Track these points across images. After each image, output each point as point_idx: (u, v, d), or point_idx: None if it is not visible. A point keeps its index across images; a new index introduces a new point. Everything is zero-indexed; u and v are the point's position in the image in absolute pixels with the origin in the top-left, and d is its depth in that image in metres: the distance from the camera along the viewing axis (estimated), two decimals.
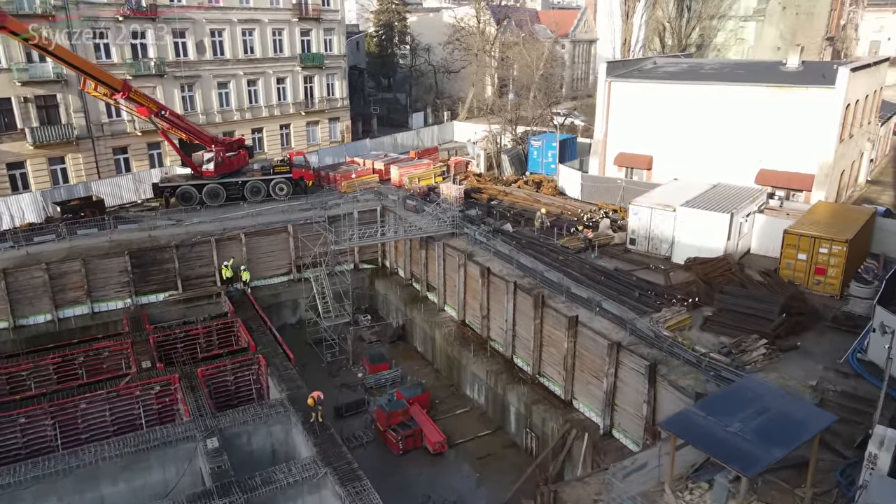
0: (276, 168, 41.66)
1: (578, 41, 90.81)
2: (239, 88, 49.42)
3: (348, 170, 45.75)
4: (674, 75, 39.26)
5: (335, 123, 57.85)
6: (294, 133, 54.43)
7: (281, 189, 41.86)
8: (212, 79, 47.56)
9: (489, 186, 41.64)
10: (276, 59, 51.46)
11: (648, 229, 30.60)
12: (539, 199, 38.63)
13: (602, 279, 28.14)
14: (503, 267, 30.28)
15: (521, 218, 36.32)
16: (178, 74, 45.39)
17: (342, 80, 57.26)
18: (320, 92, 55.35)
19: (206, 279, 36.00)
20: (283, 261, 38.13)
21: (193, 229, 36.22)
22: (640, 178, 38.86)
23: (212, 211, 39.04)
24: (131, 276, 33.81)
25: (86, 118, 41.36)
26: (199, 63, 46.58)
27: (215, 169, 39.84)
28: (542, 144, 45.41)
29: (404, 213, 38.82)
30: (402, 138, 55.86)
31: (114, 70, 41.81)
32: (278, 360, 28.26)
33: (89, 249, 33.58)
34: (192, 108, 47.13)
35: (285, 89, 52.95)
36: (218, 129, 48.52)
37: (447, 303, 34.06)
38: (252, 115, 50.84)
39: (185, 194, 39.97)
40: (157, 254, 34.49)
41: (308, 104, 54.53)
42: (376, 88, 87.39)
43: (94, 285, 33.32)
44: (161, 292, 34.93)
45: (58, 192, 38.73)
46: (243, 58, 49.20)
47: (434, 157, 51.56)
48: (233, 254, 36.20)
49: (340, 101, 57.60)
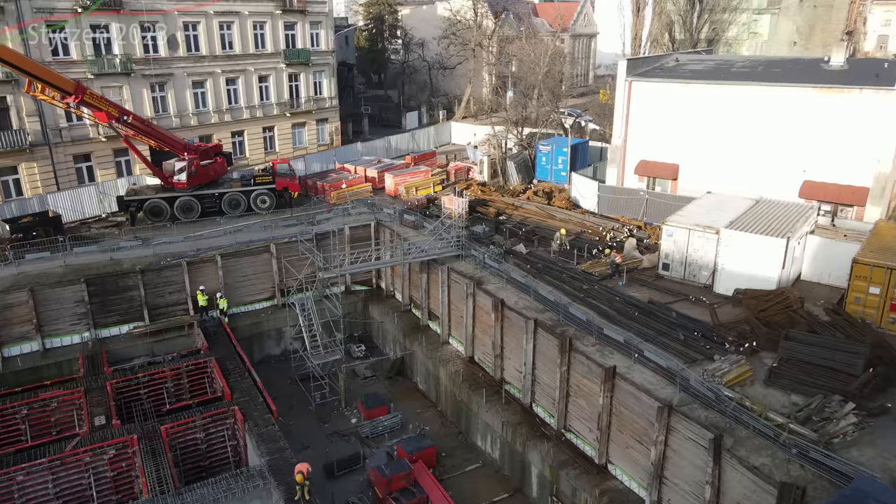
0: (257, 178, 37.28)
1: (578, 35, 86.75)
2: (216, 88, 44.89)
3: (338, 178, 41.43)
4: (702, 74, 35.24)
5: (323, 125, 53.41)
6: (279, 136, 49.97)
7: (263, 201, 37.51)
8: (186, 77, 43.00)
9: (496, 198, 37.46)
10: (257, 56, 46.95)
11: (685, 253, 26.61)
12: (553, 215, 34.49)
13: (636, 315, 24.10)
14: (519, 298, 26.17)
15: (535, 237, 32.18)
16: (147, 73, 40.82)
17: (330, 78, 52.81)
18: (307, 91, 50.89)
19: (176, 307, 31.64)
20: (266, 284, 33.82)
21: (162, 250, 31.80)
22: (664, 190, 34.87)
23: (184, 227, 34.60)
24: (89, 307, 29.41)
25: (41, 122, 36.74)
26: (171, 60, 42.01)
27: (188, 180, 35.42)
28: (552, 150, 41.30)
29: (402, 229, 34.59)
30: (396, 141, 51.56)
31: (73, 69, 37.32)
32: (258, 413, 24.04)
33: (40, 276, 29.12)
34: (163, 110, 42.57)
35: (268, 88, 48.47)
36: (193, 133, 44.05)
37: (452, 335, 29.93)
38: (231, 117, 46.33)
39: (155, 209, 35.56)
40: (120, 280, 30.08)
41: (293, 104, 50.07)
42: (367, 85, 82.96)
43: (45, 318, 28.90)
44: (125, 324, 30.57)
45: (7, 207, 34.21)
46: (221, 54, 44.65)
47: (432, 162, 47.32)
48: (208, 278, 31.90)
49: (329, 101, 53.16)
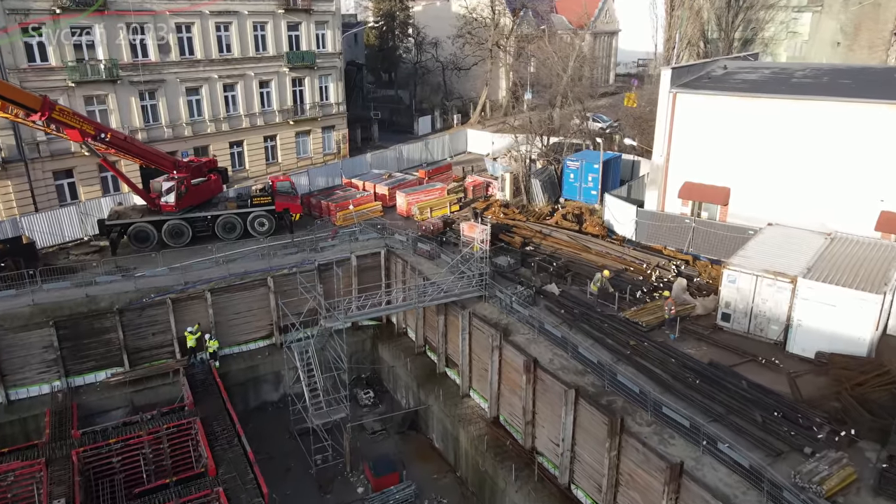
0: (254, 198, 33.49)
1: (599, 33, 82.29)
2: (213, 94, 41.12)
3: (345, 196, 37.57)
4: (758, 86, 31.05)
5: (330, 133, 49.57)
6: (281, 146, 46.18)
7: (261, 224, 33.75)
8: (179, 83, 39.24)
9: (520, 223, 33.41)
10: (258, 59, 43.11)
11: (750, 304, 22.59)
12: (588, 246, 30.37)
13: (697, 382, 20.13)
14: (554, 356, 22.28)
15: (568, 273, 28.21)
16: (135, 79, 37.07)
17: (338, 82, 48.92)
18: (312, 96, 47.05)
19: (161, 350, 28.02)
20: (263, 321, 30.12)
21: (146, 284, 28.11)
22: (712, 216, 30.78)
23: (172, 256, 30.90)
24: (59, 353, 25.82)
25: (15, 136, 33.10)
26: (162, 65, 38.24)
27: (177, 202, 31.69)
28: (581, 166, 37.24)
29: (415, 259, 30.75)
30: (408, 151, 47.62)
31: (52, 76, 33.68)
32: (246, 497, 20.29)
33: (3, 318, 25.50)
34: (154, 120, 38.84)
35: (269, 94, 44.66)
36: (188, 145, 40.36)
37: (474, 387, 26.09)
38: (230, 126, 42.56)
39: (140, 234, 31.88)
40: (95, 321, 26.48)
41: (297, 111, 46.26)
42: (377, 84, 79.03)
43: (8, 367, 25.39)
44: (101, 370, 27.02)
45: None
46: (218, 58, 40.85)
47: (447, 176, 43.34)
48: (196, 315, 28.28)
49: (336, 107, 49.28)
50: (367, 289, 31.78)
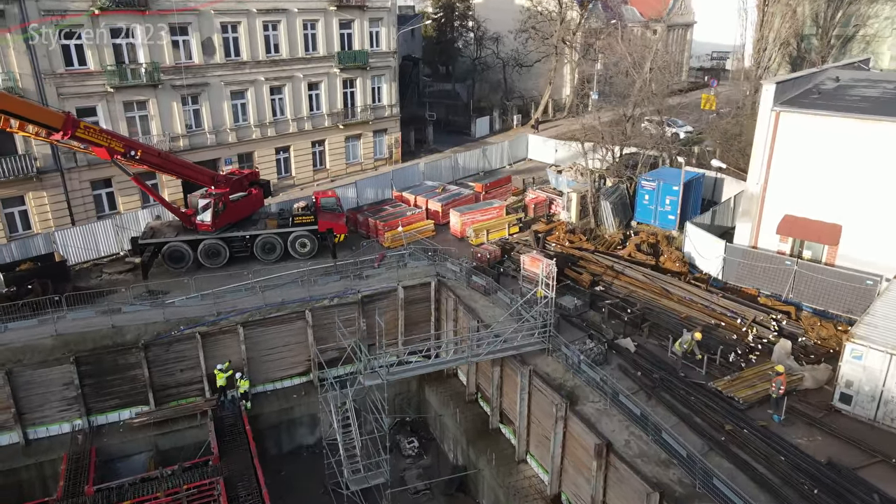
0: (296, 217, 30.82)
1: (673, 25, 76.51)
2: (259, 98, 38.69)
3: (394, 214, 34.53)
4: (882, 105, 26.26)
5: (381, 136, 46.65)
6: (330, 151, 43.54)
7: (303, 245, 31.11)
8: (223, 87, 36.91)
9: (588, 255, 29.58)
10: (307, 60, 40.42)
11: (880, 386, 18.41)
12: (668, 291, 26.28)
13: (815, 492, 16.22)
14: (630, 436, 18.72)
15: (645, 322, 24.42)
16: (177, 83, 34.88)
17: (391, 83, 45.86)
18: (363, 98, 44.17)
19: (189, 387, 25.77)
20: (299, 357, 27.53)
21: (175, 314, 25.84)
22: (817, 257, 26.35)
23: (205, 278, 28.64)
24: (80, 391, 23.80)
25: (52, 145, 31.25)
26: (206, 68, 35.95)
27: (214, 221, 29.29)
28: (658, 188, 33.07)
29: (469, 293, 27.50)
30: (464, 159, 44.19)
31: (90, 81, 31.72)
32: None
33: (22, 351, 23.63)
34: (196, 126, 36.68)
35: (319, 97, 41.98)
36: (232, 151, 38.13)
37: (531, 453, 22.76)
38: (276, 132, 40.11)
39: (175, 254, 29.71)
40: (119, 357, 24.34)
41: (348, 114, 43.49)
42: (433, 77, 75.68)
43: (26, 404, 23.52)
44: (126, 408, 24.96)
45: (7, 249, 28.93)
46: (265, 59, 38.33)
47: (506, 189, 39.79)
48: (228, 351, 25.90)
49: (389, 109, 46.27)
50: (414, 323, 28.94)
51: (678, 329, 23.38)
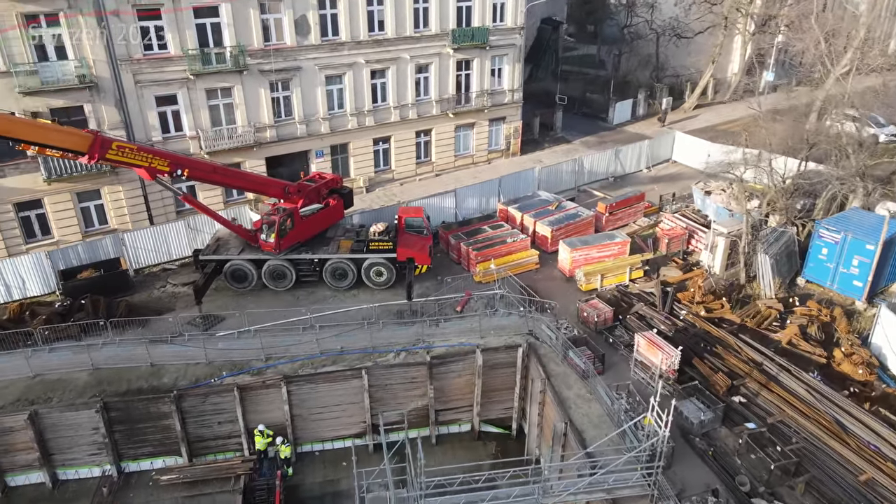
0: (372, 243, 26.28)
1: None
2: (358, 83, 34.08)
3: (492, 238, 28.89)
4: None
5: (498, 125, 40.59)
6: (436, 142, 38.35)
7: (379, 274, 26.68)
8: (317, 71, 32.64)
9: (728, 339, 22.20)
10: (416, 38, 34.98)
11: None
12: (845, 428, 18.61)
13: None
14: None
15: (803, 474, 17.39)
16: (266, 67, 31.07)
17: (515, 64, 39.30)
18: (480, 82, 38.17)
19: (228, 441, 22.77)
20: (354, 417, 23.51)
21: (219, 355, 22.74)
22: None
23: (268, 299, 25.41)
24: (110, 437, 21.45)
25: (128, 135, 28.96)
26: (298, 50, 31.75)
27: (278, 242, 25.54)
28: (844, 241, 24.58)
29: (563, 371, 21.72)
30: (590, 163, 37.08)
31: (169, 68, 28.81)
32: None
33: (56, 385, 21.79)
34: (286, 114, 32.92)
35: (427, 81, 36.61)
36: (324, 143, 34.20)
37: None
38: (375, 120, 35.49)
39: (237, 273, 26.52)
40: (151, 405, 21.60)
41: (460, 100, 37.83)
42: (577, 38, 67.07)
43: (55, 446, 21.62)
44: (158, 457, 22.45)
45: (74, 251, 27.20)
46: (367, 39, 33.42)
47: (635, 210, 32.57)
48: (270, 407, 22.40)
49: (509, 95, 39.93)
50: (494, 390, 23.80)
51: (854, 501, 16.23)
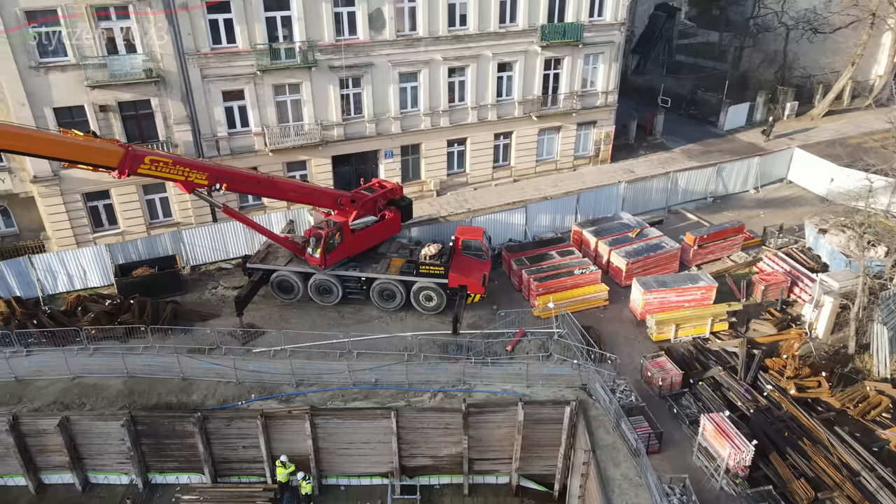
0: (423, 266, 24.32)
1: None
2: (434, 81, 31.88)
3: (557, 268, 26.03)
4: None
5: (588, 130, 37.12)
6: (517, 145, 35.58)
7: (428, 299, 24.83)
8: (390, 68, 30.74)
9: (819, 432, 18.38)
10: (500, 34, 32.16)
11: None
12: None
13: None
14: None
15: None
16: (336, 63, 29.54)
17: (611, 63, 35.50)
18: (569, 83, 34.82)
19: (252, 465, 21.97)
20: (382, 455, 21.94)
21: (250, 376, 21.89)
22: None
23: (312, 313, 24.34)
24: (133, 452, 21.21)
25: (193, 130, 28.56)
26: (371, 45, 29.93)
27: (323, 258, 24.19)
28: None
29: (612, 443, 18.99)
30: (686, 180, 32.95)
31: (236, 62, 27.97)
32: None
33: (91, 390, 21.79)
34: (356, 112, 31.36)
35: (511, 80, 33.77)
36: (394, 143, 32.50)
37: None
38: (450, 121, 33.24)
39: (283, 284, 25.57)
40: (176, 423, 21.10)
41: (546, 102, 34.73)
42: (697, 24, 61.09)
43: (85, 451, 21.70)
44: (184, 472, 22.06)
45: (133, 246, 27.28)
46: (446, 34, 31.03)
47: (732, 244, 28.49)
48: (295, 437, 21.29)
49: (603, 97, 36.25)
50: (536, 445, 21.41)
51: None
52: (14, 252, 27.95)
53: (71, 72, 25.60)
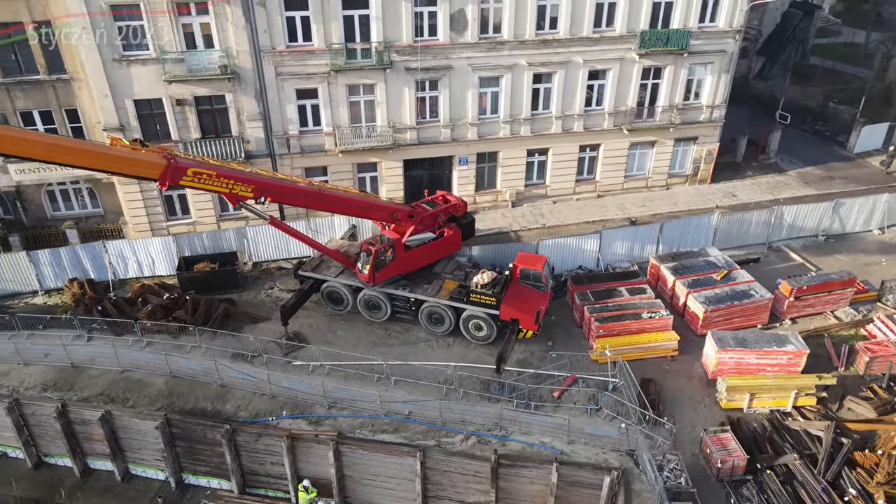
0: (473, 294, 22.78)
1: None
2: (516, 87, 29.87)
3: (624, 308, 23.57)
4: None
5: (687, 146, 33.70)
6: (604, 159, 32.90)
7: (478, 328, 23.37)
8: (470, 72, 29.05)
9: None
10: (594, 40, 29.49)
11: None
12: None
13: None
14: None
15: None
16: (412, 65, 28.26)
17: (720, 75, 31.78)
18: (670, 94, 31.60)
19: (278, 481, 21.59)
20: (405, 492, 20.86)
21: (283, 391, 21.59)
22: None
23: (352, 334, 23.76)
24: (171, 451, 21.51)
25: (265, 127, 28.41)
26: (451, 48, 28.35)
27: (372, 274, 23.25)
28: None
29: None
30: (795, 215, 28.95)
31: (310, 61, 27.48)
32: None
33: (137, 386, 22.47)
34: (431, 116, 30.04)
35: (603, 89, 31.05)
36: (469, 150, 31.00)
37: None
38: (531, 130, 31.14)
39: (333, 295, 25.01)
40: (208, 431, 21.10)
41: (641, 115, 31.74)
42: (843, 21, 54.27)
43: (126, 444, 22.14)
44: (215, 478, 22.10)
45: (199, 239, 27.75)
46: (532, 38, 28.85)
47: (838, 299, 24.67)
48: (320, 461, 20.63)
49: (707, 112, 32.66)
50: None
51: None
52: (95, 234, 29.31)
53: (151, 65, 26.02)
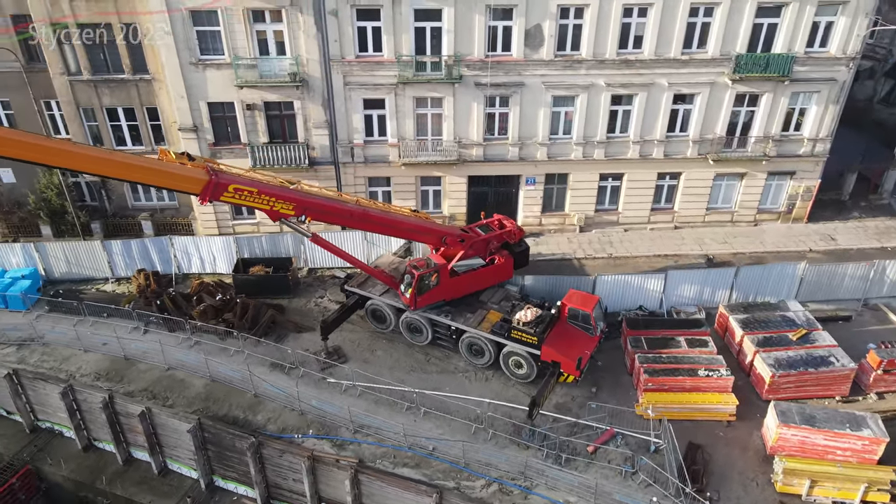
0: (514, 331, 21.64)
1: None
2: (592, 108, 28.16)
3: (678, 361, 21.61)
4: None
5: (781, 181, 30.65)
6: (685, 189, 30.52)
7: (517, 366, 22.28)
8: (544, 90, 27.63)
9: None
10: (682, 62, 27.23)
11: None
12: None
13: None
14: None
15: None
16: (483, 80, 27.23)
17: (828, 106, 28.52)
18: (765, 124, 28.74)
19: (299, 498, 21.59)
20: None
21: (312, 409, 21.49)
22: None
23: (392, 355, 23.39)
24: (198, 455, 21.99)
25: (330, 135, 28.38)
26: (524, 64, 27.05)
27: (414, 299, 22.62)
28: None
29: None
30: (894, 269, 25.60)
31: (379, 72, 27.16)
32: None
33: (178, 386, 23.20)
34: (499, 133, 28.92)
35: (689, 114, 28.70)
36: (538, 170, 29.69)
37: None
38: (605, 153, 29.32)
39: (377, 313, 24.66)
40: (237, 440, 21.37)
41: (731, 144, 29.12)
42: None
43: (163, 441, 22.88)
44: (240, 484, 22.42)
45: (258, 242, 28.24)
46: (613, 58, 26.99)
47: None
48: (338, 484, 20.44)
49: (809, 145, 29.49)
50: None
51: None
52: (168, 226, 30.53)
53: (224, 70, 26.55)
